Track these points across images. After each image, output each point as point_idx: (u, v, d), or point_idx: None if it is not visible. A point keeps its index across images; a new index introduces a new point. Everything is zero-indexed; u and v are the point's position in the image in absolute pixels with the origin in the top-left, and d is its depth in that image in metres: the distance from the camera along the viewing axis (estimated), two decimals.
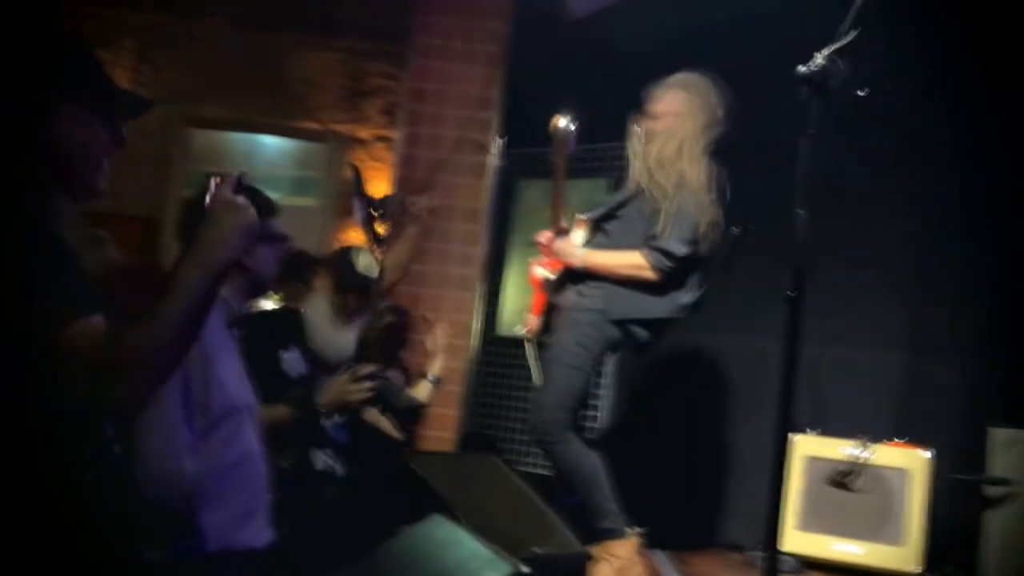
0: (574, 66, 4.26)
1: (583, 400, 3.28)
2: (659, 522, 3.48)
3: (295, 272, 3.18)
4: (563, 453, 3.07)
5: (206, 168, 5.79)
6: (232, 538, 2.07)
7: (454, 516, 2.39)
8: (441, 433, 4.34)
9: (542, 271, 3.40)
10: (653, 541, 3.45)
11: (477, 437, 4.43)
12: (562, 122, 3.08)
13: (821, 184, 3.60)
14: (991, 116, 3.77)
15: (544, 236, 3.34)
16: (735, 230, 2.98)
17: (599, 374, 3.68)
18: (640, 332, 3.19)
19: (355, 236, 4.72)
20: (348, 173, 4.91)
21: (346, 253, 3.25)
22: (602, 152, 4.12)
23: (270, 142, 5.79)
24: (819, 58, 2.03)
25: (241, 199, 1.57)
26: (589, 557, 2.97)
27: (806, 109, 2.08)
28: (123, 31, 5.10)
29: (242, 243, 1.55)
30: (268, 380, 2.81)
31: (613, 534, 3.09)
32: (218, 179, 1.59)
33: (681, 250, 3.09)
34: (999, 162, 3.81)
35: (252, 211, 1.58)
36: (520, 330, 3.42)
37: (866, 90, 2.06)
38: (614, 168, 3.73)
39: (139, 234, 4.88)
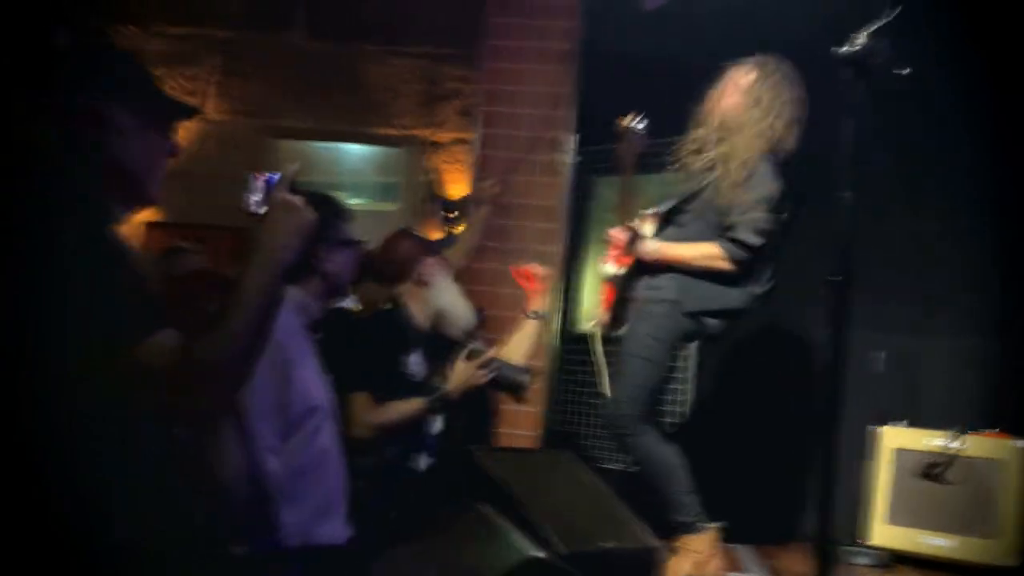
0: (646, 61, 4.24)
1: (658, 392, 3.27)
2: (742, 516, 3.45)
3: (371, 273, 3.28)
4: (639, 445, 3.08)
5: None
6: (312, 534, 2.15)
7: (520, 510, 2.42)
8: (524, 431, 4.38)
9: (610, 267, 3.41)
10: (736, 535, 3.43)
11: (558, 435, 4.46)
12: (630, 121, 3.08)
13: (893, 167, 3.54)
14: None
15: (615, 232, 3.35)
16: (783, 216, 2.95)
17: (673, 366, 3.65)
18: (713, 323, 3.18)
19: (434, 238, 4.80)
20: (426, 177, 5.00)
21: None
22: (674, 146, 4.10)
23: (352, 149, 5.92)
24: (860, 38, 1.99)
25: (297, 198, 1.56)
26: (663, 551, 2.96)
27: (848, 90, 2.04)
28: (208, 48, 5.29)
29: (301, 243, 1.55)
30: (392, 382, 2.96)
31: (691, 528, 3.08)
32: (257, 177, 1.58)
33: (756, 240, 3.07)
34: None
35: (309, 211, 1.56)
36: (588, 326, 3.41)
37: (907, 70, 2.02)
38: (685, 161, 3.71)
39: (230, 245, 5.05)
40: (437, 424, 3.10)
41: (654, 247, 3.19)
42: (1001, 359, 3.91)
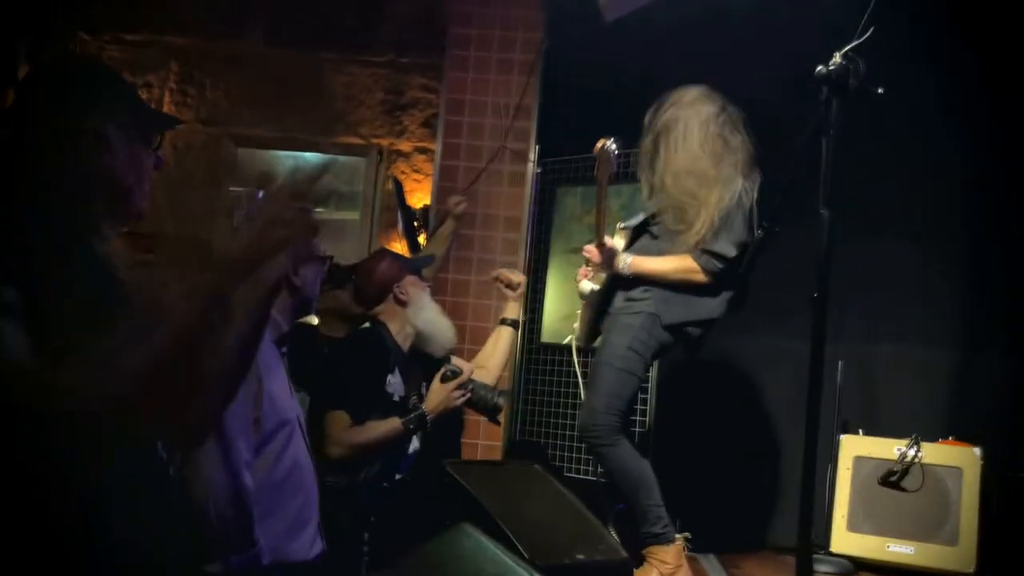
0: (609, 71, 4.27)
1: (633, 404, 3.29)
2: (709, 525, 3.48)
3: (337, 282, 3.28)
4: (613, 456, 3.09)
5: (254, 186, 5.89)
6: (285, 551, 2.12)
7: (496, 525, 2.43)
8: (488, 441, 4.38)
9: (586, 283, 3.41)
10: (702, 544, 3.46)
11: (523, 444, 4.46)
12: (607, 144, 3.10)
13: (866, 179, 3.61)
14: None
15: (590, 249, 3.34)
16: (758, 232, 2.99)
17: (647, 378, 3.68)
18: (692, 332, 3.20)
19: (398, 247, 4.77)
20: (390, 186, 4.98)
21: None
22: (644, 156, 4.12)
23: (312, 158, 5.86)
24: (837, 57, 2.03)
25: (289, 211, 1.53)
26: (633, 564, 2.98)
27: (826, 109, 2.07)
28: (165, 55, 5.21)
29: (294, 261, 1.54)
30: (371, 401, 2.98)
31: (660, 539, 3.10)
32: (250, 196, 1.56)
33: (732, 251, 3.10)
34: None
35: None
36: (569, 339, 3.42)
37: (881, 89, 2.05)
38: None
39: (188, 254, 4.96)
40: (414, 443, 3.11)
41: (629, 263, 3.19)
42: (959, 368, 3.99)
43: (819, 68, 2.08)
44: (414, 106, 5.21)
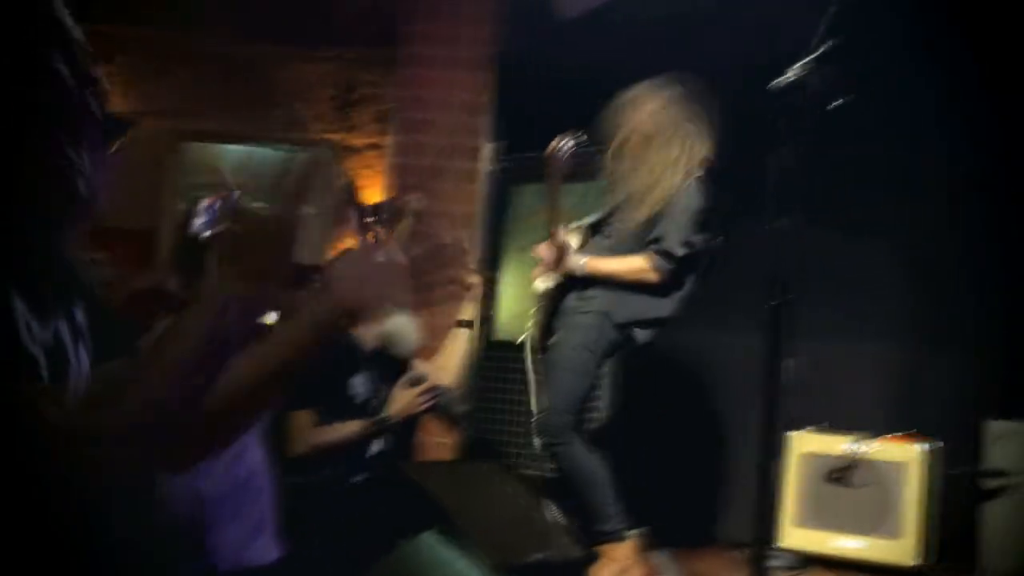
0: (566, 69, 4.27)
1: (586, 402, 3.31)
2: (661, 521, 3.51)
3: (297, 282, 3.23)
4: (567, 455, 3.11)
5: (200, 181, 5.82)
6: (242, 556, 2.10)
7: (453, 526, 2.42)
8: (442, 439, 4.36)
9: (541, 282, 3.42)
10: (655, 541, 3.49)
11: (477, 442, 4.46)
12: (561, 143, 3.11)
13: (817, 181, 3.66)
14: (983, 108, 3.82)
15: (543, 248, 3.34)
16: (714, 241, 3.03)
17: (600, 375, 3.70)
18: (642, 333, 3.23)
19: (350, 243, 4.74)
20: (341, 182, 4.93)
21: None
22: (595, 155, 4.14)
23: (264, 152, 5.80)
24: (793, 70, 2.05)
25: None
26: (588, 561, 3.00)
27: (782, 121, 2.09)
28: (115, 47, 5.11)
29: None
30: (336, 403, 2.94)
31: (614, 536, 3.12)
32: (206, 200, 1.55)
33: (680, 251, 3.13)
34: (997, 154, 3.86)
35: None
36: (523, 338, 3.42)
37: (839, 101, 2.08)
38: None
39: (136, 249, 4.88)
40: (376, 445, 3.09)
41: (582, 262, 3.21)
42: (906, 365, 4.08)
43: (774, 82, 2.10)
44: (366, 102, 5.17)
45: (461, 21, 4.66)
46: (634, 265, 3.15)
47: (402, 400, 3.05)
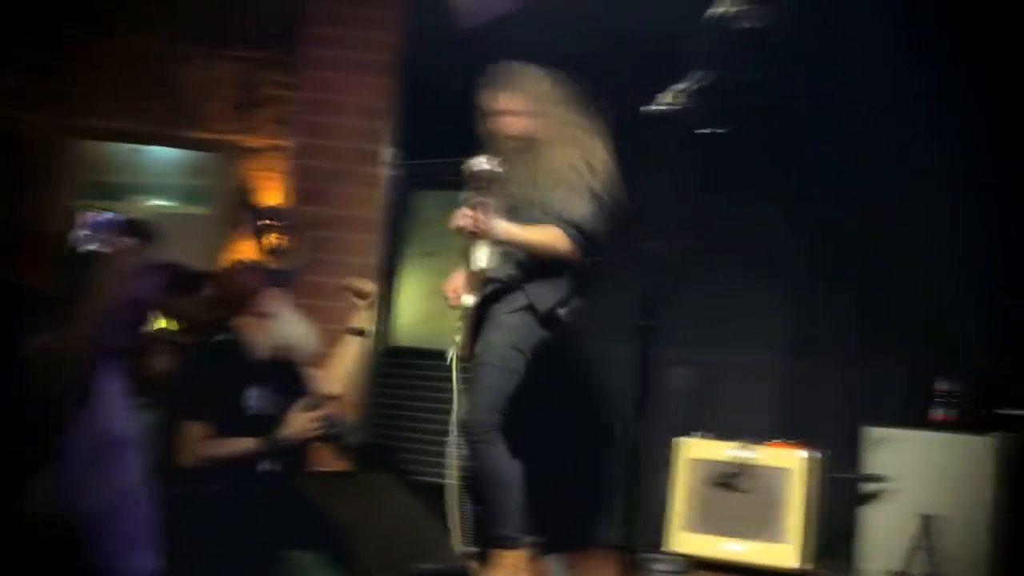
0: (467, 76, 4.29)
1: (510, 403, 3.28)
2: (552, 527, 3.55)
3: (184, 288, 3.18)
4: (489, 454, 3.12)
5: (96, 179, 5.67)
6: (121, 570, 2.06)
7: (341, 539, 2.43)
8: (359, 448, 4.34)
9: (464, 298, 3.36)
10: (547, 547, 3.52)
11: (374, 448, 4.44)
12: (478, 164, 3.11)
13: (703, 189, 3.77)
14: (872, 126, 4.00)
15: (463, 215, 3.25)
16: (589, 260, 3.07)
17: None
18: (565, 312, 3.24)
19: (246, 246, 4.68)
20: (237, 183, 4.88)
21: None
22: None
23: (161, 152, 5.68)
24: (666, 97, 2.11)
25: (132, 241, 1.57)
26: (476, 567, 3.02)
27: (655, 145, 2.15)
28: (11, 42, 4.94)
29: (133, 284, 1.55)
30: (230, 415, 2.94)
31: (510, 542, 3.14)
32: (88, 214, 1.57)
33: (587, 222, 3.17)
34: (875, 167, 4.04)
35: (143, 253, 1.58)
36: (451, 354, 3.34)
37: (711, 130, 2.15)
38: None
39: (27, 247, 4.73)
40: (269, 461, 3.06)
41: (505, 226, 3.16)
42: (790, 373, 4.22)
43: (647, 107, 2.15)
44: (267, 103, 5.11)
45: (363, 25, 4.64)
46: (549, 233, 3.16)
47: (297, 423, 3.04)
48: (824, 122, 4.07)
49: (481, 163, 3.12)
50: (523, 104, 3.30)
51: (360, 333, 3.41)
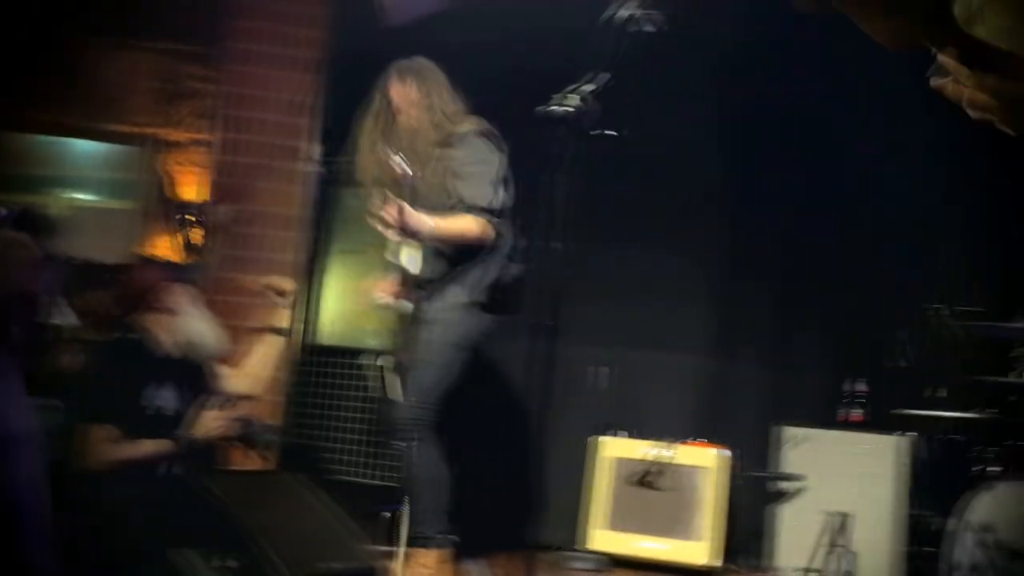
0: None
1: (444, 400, 3.27)
2: (471, 526, 3.56)
3: (87, 284, 3.13)
4: (420, 451, 3.11)
5: (14, 172, 5.51)
6: (15, 568, 2.02)
7: (249, 537, 2.40)
8: (271, 448, 4.29)
9: (391, 301, 3.33)
10: (464, 549, 3.53)
11: (296, 448, 4.40)
12: (394, 163, 3.11)
13: (626, 191, 3.82)
14: (792, 128, 4.10)
15: (389, 211, 3.23)
16: (514, 271, 3.06)
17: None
18: (499, 299, 3.24)
19: (165, 241, 4.60)
20: (158, 178, 4.79)
21: None
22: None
23: (81, 144, 5.54)
24: (569, 99, 2.13)
25: (24, 236, 1.55)
26: (389, 567, 3.01)
27: (557, 146, 2.16)
28: None
29: (27, 277, 1.53)
30: (136, 415, 2.88)
31: (430, 543, 3.14)
32: None
33: (495, 201, 3.20)
34: (794, 173, 4.14)
35: (35, 247, 1.56)
36: (381, 362, 3.31)
37: (615, 132, 2.17)
38: None
39: None
40: (179, 462, 3.01)
41: (431, 224, 3.15)
42: (711, 374, 4.29)
43: (549, 108, 2.17)
44: (191, 97, 5.01)
45: (289, 21, 4.59)
46: (471, 222, 3.17)
47: (207, 422, 3.00)
48: (742, 123, 4.15)
49: (396, 162, 3.12)
50: (420, 98, 3.32)
51: (280, 332, 3.37)
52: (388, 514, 3.26)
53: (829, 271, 4.17)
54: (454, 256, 3.25)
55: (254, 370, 3.34)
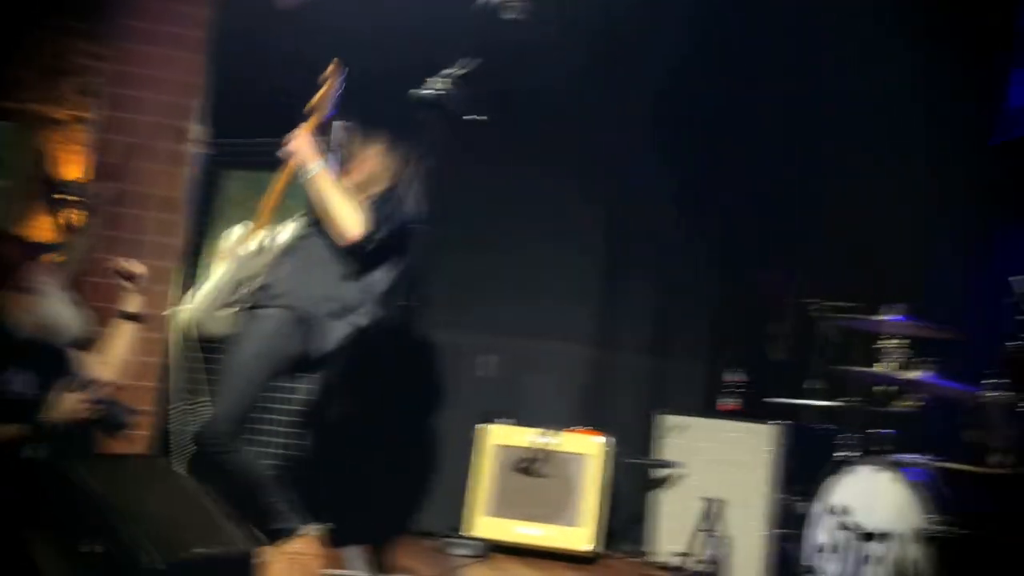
0: (283, 57, 4.22)
1: (253, 408, 3.19)
2: (350, 513, 3.54)
3: None
4: (232, 463, 3.03)
5: None
6: None
7: (113, 521, 2.34)
8: (135, 432, 4.17)
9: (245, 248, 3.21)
10: (343, 536, 3.50)
11: (176, 435, 4.30)
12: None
13: (513, 186, 3.84)
14: (676, 123, 4.18)
15: (298, 136, 3.12)
16: (406, 302, 3.00)
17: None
18: (335, 324, 3.12)
19: (42, 220, 4.44)
20: (36, 155, 4.62)
21: None
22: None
23: None
24: (436, 83, 2.13)
25: None
26: (262, 554, 2.97)
27: (424, 129, 2.16)
28: None
29: None
30: None
31: (286, 532, 3.10)
32: None
33: (391, 228, 3.02)
34: (669, 168, 4.22)
35: None
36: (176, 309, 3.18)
37: (483, 117, 2.18)
38: None
39: None
40: (37, 447, 2.90)
41: (319, 165, 3.04)
42: (592, 363, 4.35)
43: (416, 91, 2.16)
44: (74, 73, 4.84)
45: None
46: (352, 207, 3.02)
47: (64, 404, 2.89)
48: (623, 114, 4.22)
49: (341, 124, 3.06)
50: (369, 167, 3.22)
51: (133, 318, 3.26)
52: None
53: (710, 263, 4.28)
54: (298, 262, 3.17)
55: (108, 357, 3.23)
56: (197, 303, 3.28)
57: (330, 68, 3.10)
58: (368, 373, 4.28)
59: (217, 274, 3.29)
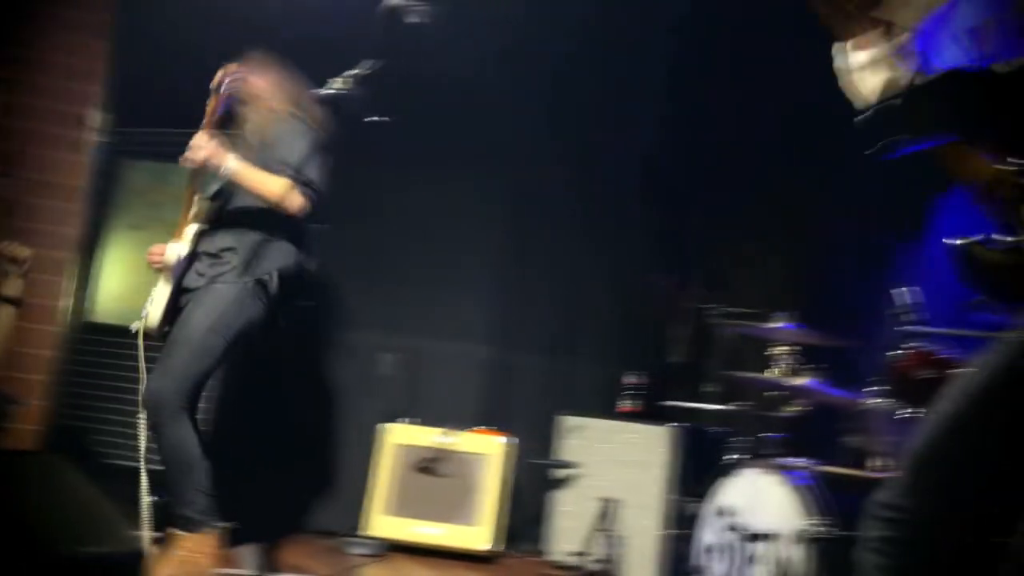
0: (188, 45, 4.14)
1: (204, 384, 3.14)
2: (248, 512, 3.50)
3: None
4: (171, 434, 2.97)
5: None
6: None
7: None
8: (26, 426, 4.06)
9: (173, 247, 3.16)
10: (242, 535, 3.46)
11: (67, 430, 4.20)
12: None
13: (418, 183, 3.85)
14: (596, 122, 4.24)
15: (199, 140, 3.10)
16: (307, 302, 3.00)
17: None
18: (287, 286, 3.10)
19: None
20: None
21: None
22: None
23: None
24: (336, 82, 2.15)
25: None
26: (152, 552, 2.93)
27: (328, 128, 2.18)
28: None
29: None
30: None
31: (192, 525, 3.05)
32: None
33: (309, 169, 3.03)
34: (568, 170, 4.29)
35: None
36: (136, 325, 3.14)
37: (384, 118, 2.20)
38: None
39: None
40: None
41: (232, 164, 3.03)
42: (495, 363, 4.39)
43: (317, 90, 2.18)
44: None
45: None
46: (280, 182, 2.99)
47: None
48: (530, 112, 4.28)
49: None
50: (258, 93, 3.21)
51: (14, 302, 3.17)
52: (159, 499, 3.17)
53: (613, 267, 4.36)
54: (246, 229, 3.14)
55: None
56: (151, 320, 3.20)
57: (217, 77, 3.08)
58: (266, 371, 4.25)
59: (162, 291, 3.22)
